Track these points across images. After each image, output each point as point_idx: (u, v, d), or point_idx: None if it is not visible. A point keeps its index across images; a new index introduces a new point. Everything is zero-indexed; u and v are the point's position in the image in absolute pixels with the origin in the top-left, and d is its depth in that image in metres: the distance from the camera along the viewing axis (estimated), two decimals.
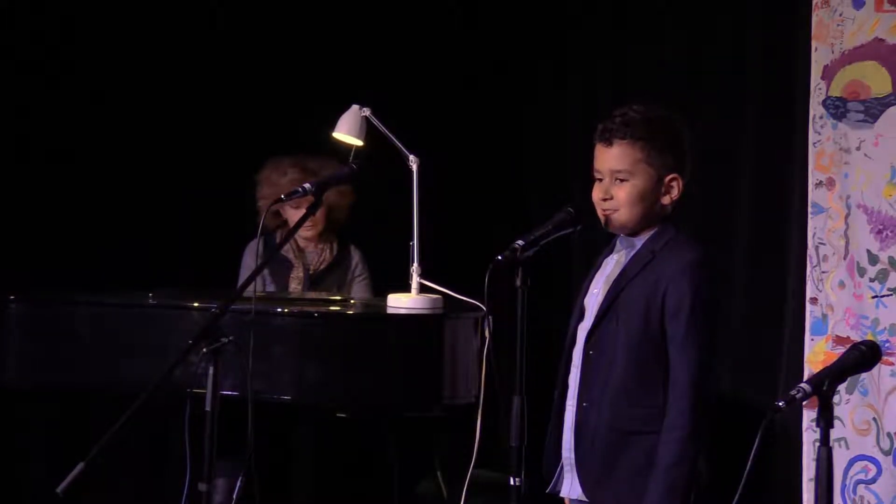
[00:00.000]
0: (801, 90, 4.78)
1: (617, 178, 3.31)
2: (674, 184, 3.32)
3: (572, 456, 3.34)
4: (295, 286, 5.09)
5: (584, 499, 3.34)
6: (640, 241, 3.34)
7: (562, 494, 3.39)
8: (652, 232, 3.34)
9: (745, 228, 5.09)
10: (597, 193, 3.34)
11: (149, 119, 5.55)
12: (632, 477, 3.26)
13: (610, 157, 3.32)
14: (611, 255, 3.41)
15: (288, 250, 5.09)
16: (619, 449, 3.27)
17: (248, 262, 5.08)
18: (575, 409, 3.34)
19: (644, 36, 5.46)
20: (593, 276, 3.43)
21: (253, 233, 5.07)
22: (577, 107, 5.68)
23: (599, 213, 3.35)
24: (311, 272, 5.09)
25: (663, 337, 3.26)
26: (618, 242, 3.40)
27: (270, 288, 5.05)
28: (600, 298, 3.35)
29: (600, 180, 3.35)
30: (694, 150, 3.38)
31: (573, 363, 3.39)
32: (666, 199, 3.32)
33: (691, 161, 3.37)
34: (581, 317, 3.40)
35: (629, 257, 3.35)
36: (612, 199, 3.31)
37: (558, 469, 3.39)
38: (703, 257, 3.29)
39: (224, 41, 5.68)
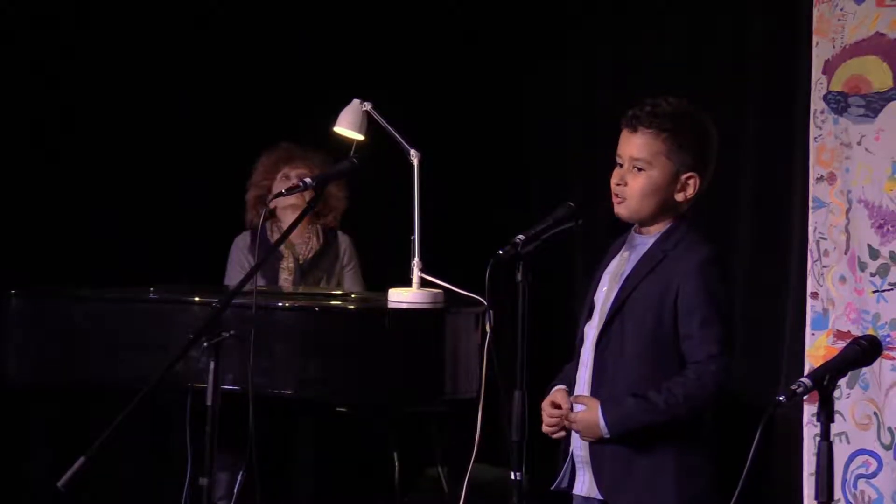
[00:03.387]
0: (801, 85, 4.78)
1: (635, 166, 3.29)
2: (690, 182, 3.29)
3: (584, 454, 3.33)
4: (286, 276, 5.08)
5: (594, 496, 3.33)
6: (650, 240, 3.33)
7: (574, 492, 3.37)
8: (663, 229, 3.32)
9: (746, 223, 5.09)
10: (613, 178, 3.33)
11: (149, 114, 5.55)
12: (650, 477, 3.26)
13: (632, 144, 3.30)
14: (617, 254, 3.40)
15: (272, 237, 5.06)
16: (635, 449, 3.26)
17: (236, 257, 5.08)
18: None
19: (645, 30, 5.45)
20: (602, 273, 3.42)
21: (239, 229, 5.09)
22: (578, 102, 5.68)
23: (613, 198, 3.33)
24: (300, 262, 5.08)
25: (676, 336, 3.25)
26: (628, 240, 3.39)
27: (260, 281, 5.02)
28: (610, 297, 3.33)
29: (621, 165, 3.33)
30: (716, 151, 3.35)
31: (581, 362, 3.37)
32: (680, 196, 3.30)
33: (712, 161, 3.34)
34: (590, 315, 3.39)
35: (638, 255, 3.33)
36: (625, 185, 3.31)
37: (566, 466, 3.38)
38: (714, 255, 3.28)
39: (225, 36, 5.67)
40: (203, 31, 5.64)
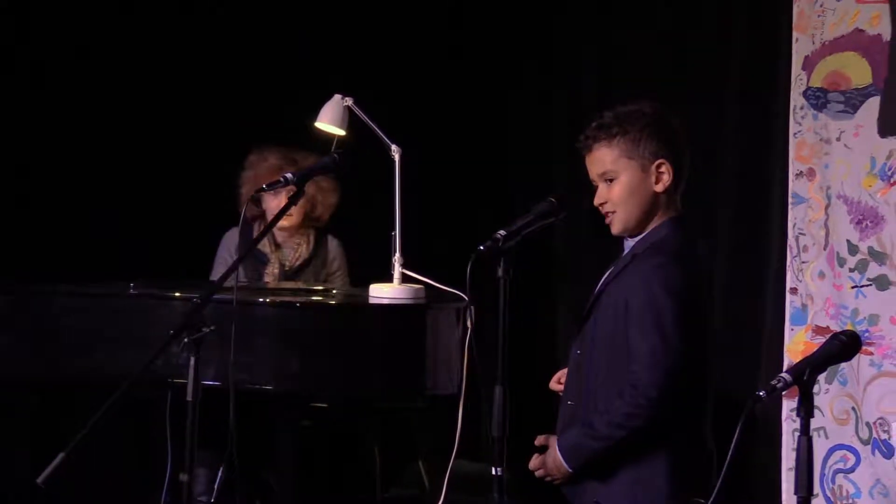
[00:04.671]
0: (782, 81, 4.79)
1: (605, 179, 3.31)
2: (663, 168, 3.29)
3: None
4: (269, 281, 5.05)
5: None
6: (631, 242, 3.34)
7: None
8: (646, 231, 3.31)
9: (726, 219, 5.10)
10: (595, 201, 3.35)
11: (130, 109, 5.53)
12: (601, 476, 3.26)
13: (594, 163, 3.32)
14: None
15: (265, 244, 5.03)
16: None
17: (223, 253, 5.06)
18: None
19: (627, 25, 5.46)
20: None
21: (230, 224, 5.07)
22: (562, 96, 5.69)
23: (605, 218, 3.35)
24: (286, 268, 5.05)
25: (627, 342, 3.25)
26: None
27: (243, 282, 5.00)
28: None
29: (596, 187, 3.35)
30: (680, 132, 3.35)
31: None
32: (658, 187, 3.29)
33: (678, 143, 3.33)
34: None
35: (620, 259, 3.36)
36: (607, 202, 3.32)
37: None
38: (662, 263, 3.23)
39: (208, 30, 5.66)
40: (188, 22, 5.63)
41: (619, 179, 3.29)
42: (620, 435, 3.19)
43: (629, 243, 3.34)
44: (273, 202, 4.93)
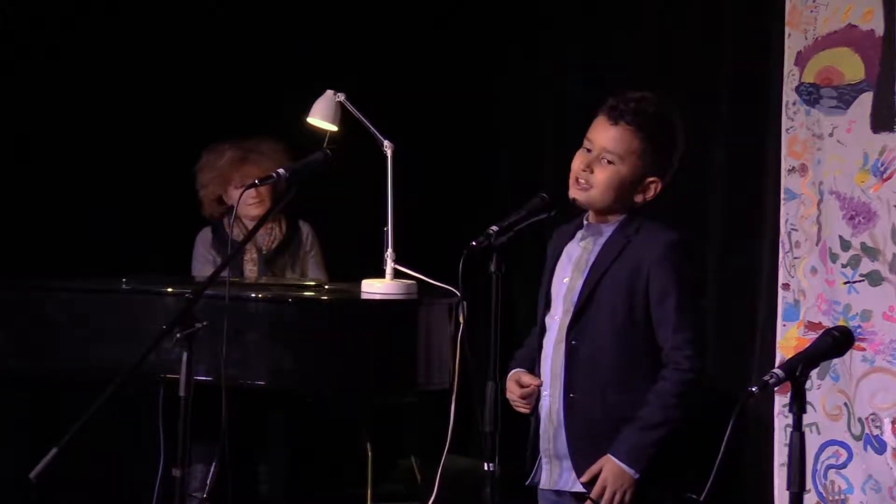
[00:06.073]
0: (774, 76, 4.79)
1: (605, 157, 3.28)
2: (652, 186, 3.29)
3: (552, 447, 3.32)
4: (250, 268, 5.08)
5: (566, 489, 3.32)
6: (608, 228, 3.33)
7: (541, 487, 3.37)
8: (620, 218, 3.31)
9: (718, 214, 5.10)
10: (578, 162, 3.30)
11: (130, 108, 5.53)
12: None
13: (608, 136, 3.28)
14: (575, 242, 3.39)
15: (238, 234, 5.05)
16: (614, 437, 3.24)
17: (200, 250, 5.08)
18: (561, 401, 3.30)
19: (616, 19, 5.46)
20: (554, 266, 3.41)
21: (202, 223, 5.10)
22: (551, 93, 5.69)
23: (572, 180, 3.31)
24: (263, 252, 5.09)
25: (648, 322, 3.25)
26: (584, 230, 3.38)
27: (224, 273, 5.01)
28: (575, 287, 3.33)
29: (588, 150, 3.31)
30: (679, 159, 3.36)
31: (545, 355, 3.36)
32: (639, 198, 3.30)
33: (674, 170, 3.33)
34: (547, 307, 3.39)
35: (600, 244, 3.33)
36: (591, 173, 3.29)
37: (537, 461, 3.38)
38: (681, 239, 3.28)
39: (207, 30, 5.66)
40: (174, 18, 5.62)
41: (616, 167, 3.27)
42: (679, 415, 3.18)
43: (604, 228, 3.32)
44: (236, 193, 4.94)
